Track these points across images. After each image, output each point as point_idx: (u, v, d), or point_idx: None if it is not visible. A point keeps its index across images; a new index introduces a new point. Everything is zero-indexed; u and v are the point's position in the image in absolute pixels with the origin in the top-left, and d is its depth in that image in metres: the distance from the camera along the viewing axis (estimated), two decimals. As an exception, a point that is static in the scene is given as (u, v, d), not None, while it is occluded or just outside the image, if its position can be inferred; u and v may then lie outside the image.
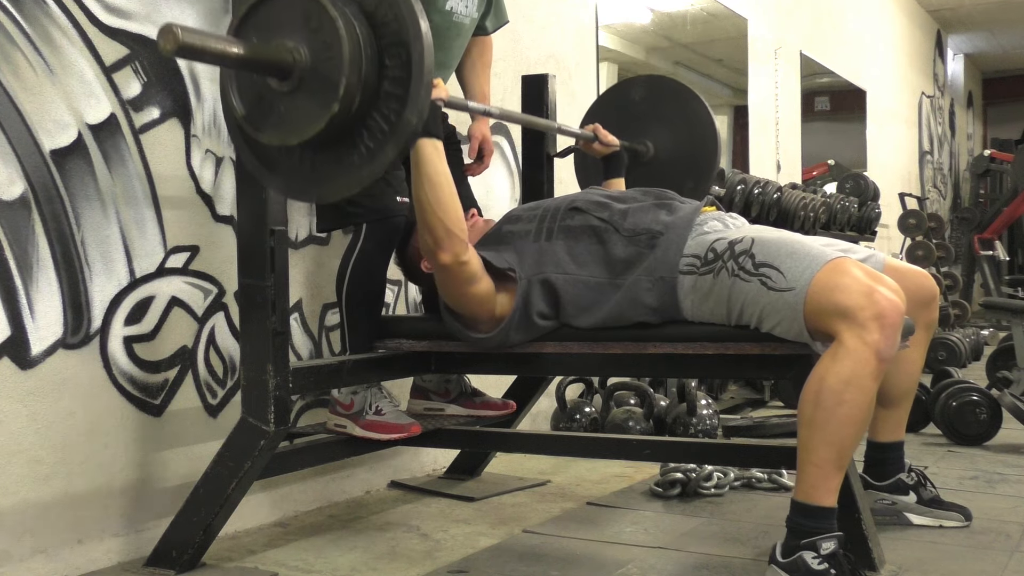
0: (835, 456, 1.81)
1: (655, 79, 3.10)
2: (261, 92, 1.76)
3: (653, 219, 2.11)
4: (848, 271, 1.85)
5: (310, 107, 1.70)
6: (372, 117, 1.72)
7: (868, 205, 5.86)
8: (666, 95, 2.95)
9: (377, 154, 1.72)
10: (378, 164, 1.73)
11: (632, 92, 2.98)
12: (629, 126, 2.87)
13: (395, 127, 1.71)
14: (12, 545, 1.94)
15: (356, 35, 1.67)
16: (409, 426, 2.35)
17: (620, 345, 2.13)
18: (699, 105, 2.90)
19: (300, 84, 1.70)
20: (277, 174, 1.84)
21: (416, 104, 1.69)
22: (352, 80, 1.66)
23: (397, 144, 1.71)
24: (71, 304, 2.05)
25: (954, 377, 3.81)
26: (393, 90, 1.71)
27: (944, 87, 10.93)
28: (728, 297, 1.96)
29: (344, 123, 1.70)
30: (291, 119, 1.73)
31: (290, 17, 1.71)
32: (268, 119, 1.76)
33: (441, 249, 2.06)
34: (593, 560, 2.14)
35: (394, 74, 1.71)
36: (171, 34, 1.51)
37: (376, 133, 1.72)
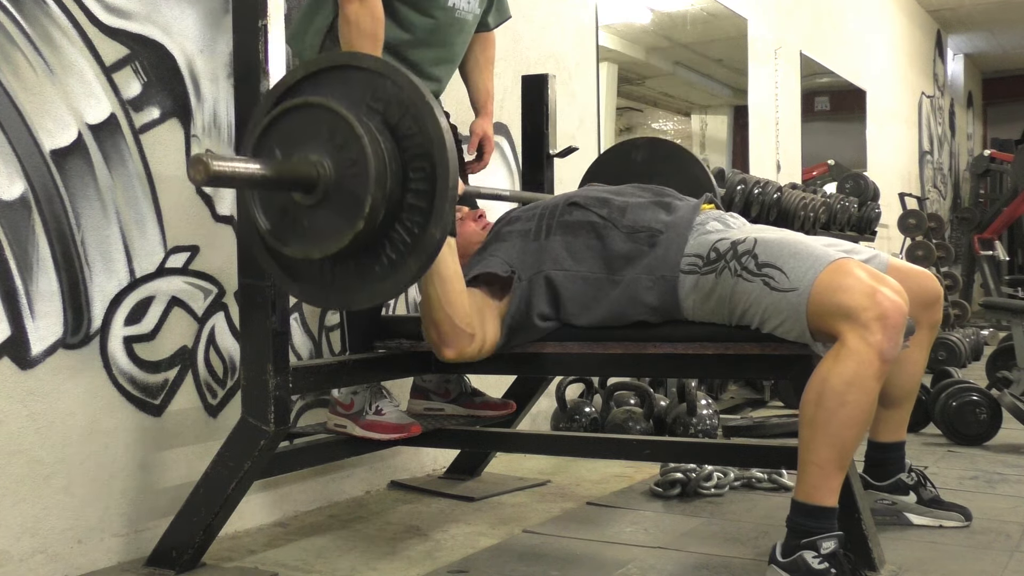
0: (836, 456, 1.81)
1: (656, 141, 3.12)
2: (285, 206, 1.75)
3: (653, 217, 2.11)
4: (851, 272, 1.84)
5: (335, 222, 1.69)
6: (395, 229, 1.71)
7: (868, 205, 5.86)
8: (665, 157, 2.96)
9: (399, 267, 1.72)
10: (401, 278, 1.72)
11: (632, 153, 2.99)
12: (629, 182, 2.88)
13: (418, 240, 1.70)
14: (12, 545, 1.94)
15: (381, 152, 1.66)
16: (409, 426, 2.35)
17: (620, 345, 2.13)
18: (699, 170, 2.90)
19: (324, 198, 1.70)
20: (299, 283, 1.82)
21: (440, 219, 1.68)
22: (377, 196, 1.65)
23: (420, 258, 1.70)
24: (71, 304, 2.05)
25: (954, 377, 3.81)
26: (417, 203, 1.70)
27: (944, 87, 10.93)
28: (730, 297, 1.96)
29: (367, 237, 1.69)
30: (315, 233, 1.72)
31: (313, 130, 1.70)
32: (292, 233, 1.75)
33: (446, 346, 2.07)
34: (593, 560, 2.14)
35: (418, 187, 1.70)
36: (201, 165, 1.53)
37: (399, 245, 1.71)
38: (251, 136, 1.78)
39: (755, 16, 5.72)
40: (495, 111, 3.39)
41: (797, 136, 6.41)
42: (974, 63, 12.46)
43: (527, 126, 2.94)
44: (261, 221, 1.78)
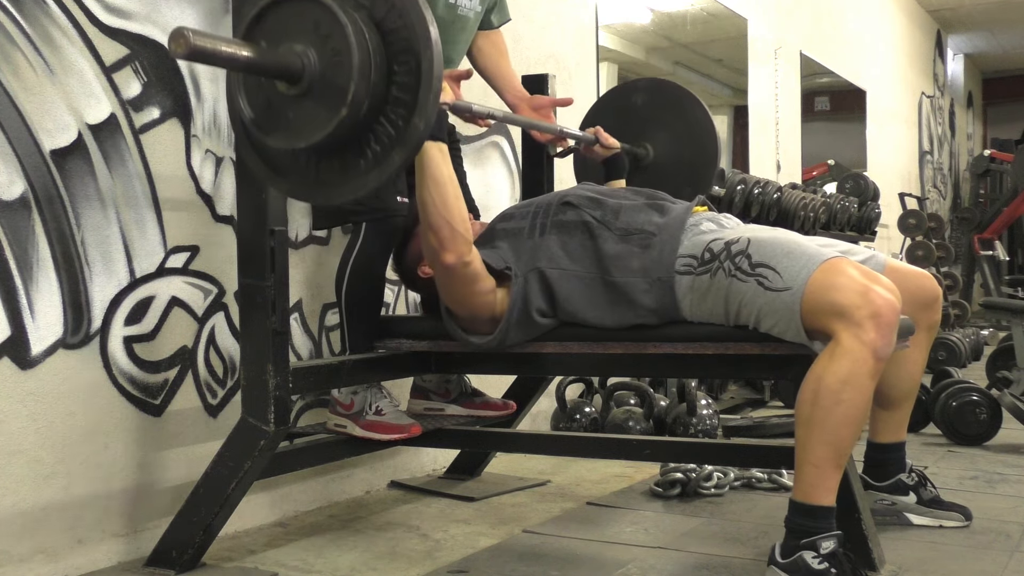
0: (833, 455, 1.81)
1: (656, 82, 3.07)
2: (269, 97, 1.76)
3: (646, 219, 2.11)
4: (844, 270, 1.85)
5: (318, 112, 1.70)
6: (379, 123, 1.72)
7: (868, 205, 5.86)
8: (667, 99, 2.94)
9: (384, 160, 1.73)
10: (385, 170, 1.73)
11: (633, 95, 2.97)
12: (629, 129, 2.86)
13: (402, 133, 1.71)
14: (12, 545, 1.94)
15: (365, 43, 1.67)
16: (409, 426, 2.35)
17: (620, 345, 2.13)
18: (700, 110, 2.88)
19: (309, 89, 1.71)
20: (284, 178, 1.84)
21: (424, 111, 1.69)
22: (360, 87, 1.66)
23: (404, 150, 1.72)
24: (71, 304, 2.05)
25: (954, 377, 3.81)
26: (401, 96, 1.71)
27: (944, 87, 10.93)
28: (725, 297, 1.96)
29: (352, 128, 1.70)
30: (299, 123, 1.73)
31: (299, 23, 1.71)
32: (276, 123, 1.76)
33: (446, 250, 2.06)
34: (593, 560, 2.14)
35: (402, 80, 1.71)
36: (182, 38, 1.51)
37: (383, 138, 1.73)
38: (239, 28, 1.77)
39: (755, 16, 5.72)
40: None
41: (797, 136, 6.41)
42: (974, 63, 12.46)
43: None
44: (245, 110, 1.78)
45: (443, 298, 2.19)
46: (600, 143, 2.70)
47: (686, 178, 2.88)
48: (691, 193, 2.86)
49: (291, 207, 2.47)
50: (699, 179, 2.87)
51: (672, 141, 2.90)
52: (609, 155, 2.73)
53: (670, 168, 2.89)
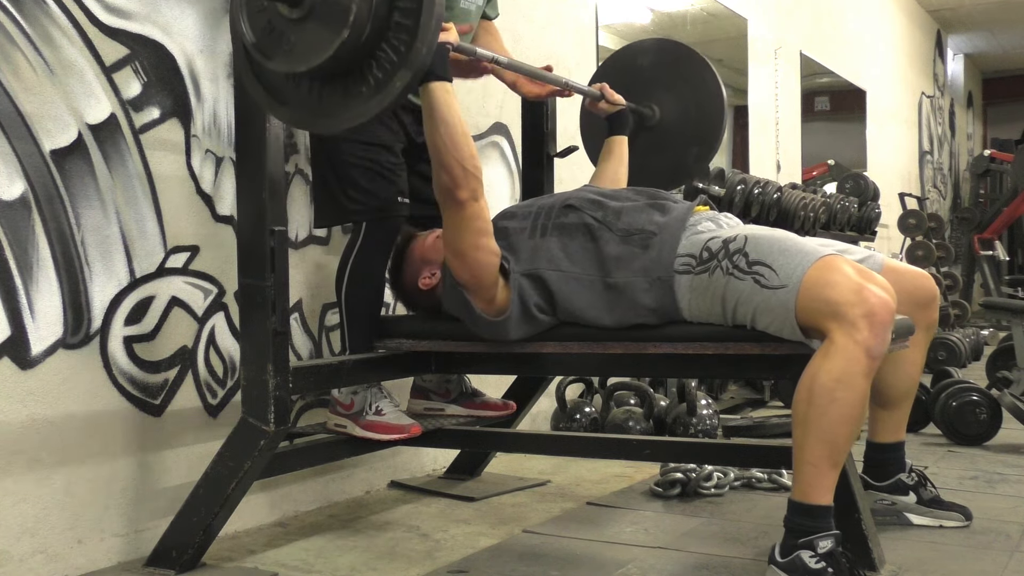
0: (829, 454, 1.81)
1: (665, 43, 3.04)
2: (271, 20, 1.75)
3: (647, 219, 2.12)
4: (839, 268, 1.85)
5: (320, 34, 1.69)
6: (381, 48, 1.72)
7: (868, 205, 5.86)
8: (675, 60, 2.91)
9: (385, 85, 1.72)
10: (386, 95, 1.73)
11: (641, 55, 2.95)
12: (636, 89, 2.85)
13: (404, 58, 1.71)
14: (12, 545, 1.94)
15: None
16: (409, 427, 2.35)
17: (620, 345, 2.13)
18: (708, 72, 2.85)
19: (310, 12, 1.70)
20: (285, 105, 1.83)
21: (426, 35, 1.69)
22: (362, 8, 1.66)
23: (406, 75, 1.71)
24: (71, 304, 2.05)
25: (954, 377, 3.81)
26: (403, 21, 1.71)
27: (944, 87, 10.93)
28: (723, 296, 1.96)
29: (353, 53, 1.70)
30: (300, 47, 1.72)
31: None
32: (277, 47, 1.75)
33: (459, 187, 2.05)
34: (593, 560, 2.14)
35: (404, 5, 1.71)
36: None
37: (385, 64, 1.72)
38: None
39: (755, 16, 5.72)
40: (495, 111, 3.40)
41: (797, 136, 6.40)
42: (974, 63, 12.46)
43: (527, 126, 2.95)
44: (247, 33, 1.78)
45: (448, 253, 2.15)
46: (605, 99, 2.70)
47: (692, 139, 2.86)
48: (698, 153, 2.85)
49: (291, 207, 2.47)
50: (705, 140, 2.85)
51: (679, 102, 2.87)
52: (614, 111, 2.73)
53: (676, 129, 2.87)
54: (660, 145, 2.86)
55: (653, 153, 2.89)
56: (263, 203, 1.96)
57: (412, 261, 2.39)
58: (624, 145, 2.73)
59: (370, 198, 2.32)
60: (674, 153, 2.89)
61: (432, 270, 2.33)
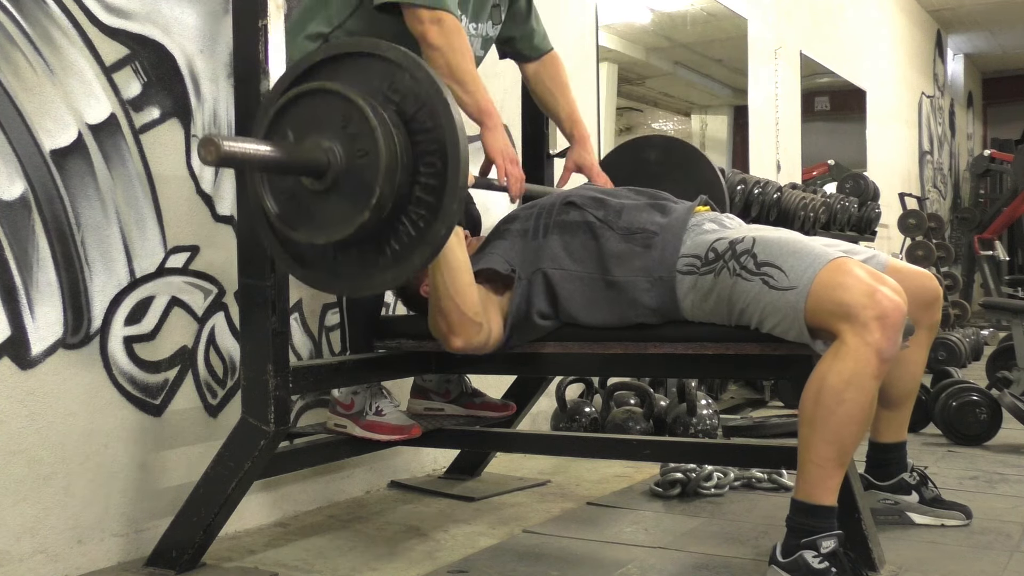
0: (836, 455, 1.81)
1: (668, 140, 3.10)
2: (294, 191, 1.75)
3: (648, 219, 2.12)
4: (851, 271, 1.85)
5: (342, 209, 1.69)
6: (402, 221, 1.71)
7: (868, 205, 5.86)
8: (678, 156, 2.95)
9: (403, 259, 1.71)
10: (403, 269, 1.72)
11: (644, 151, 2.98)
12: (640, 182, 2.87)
13: (423, 235, 1.69)
14: (12, 545, 1.94)
15: (394, 144, 1.65)
16: (409, 428, 2.35)
17: (620, 345, 2.13)
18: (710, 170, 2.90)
19: (333, 185, 1.69)
20: (305, 269, 1.83)
21: (447, 216, 1.67)
22: (386, 188, 1.65)
23: (425, 252, 1.70)
24: (71, 304, 2.05)
25: (954, 377, 3.81)
26: (425, 197, 1.69)
27: (944, 87, 10.93)
28: (729, 297, 1.96)
29: (373, 227, 1.69)
30: (321, 219, 1.72)
31: (327, 116, 1.69)
32: (299, 218, 1.75)
33: (455, 335, 2.07)
34: (593, 560, 2.14)
35: (427, 182, 1.69)
36: (213, 145, 1.52)
37: (404, 238, 1.71)
38: (264, 117, 1.77)
39: (755, 16, 5.72)
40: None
41: (797, 136, 6.41)
42: (974, 63, 12.46)
43: (527, 126, 2.95)
44: (270, 205, 1.77)
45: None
46: None
47: None
48: None
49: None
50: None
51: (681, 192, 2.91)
52: None
53: None
54: None
55: None
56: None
57: None
58: None
59: None
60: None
61: None
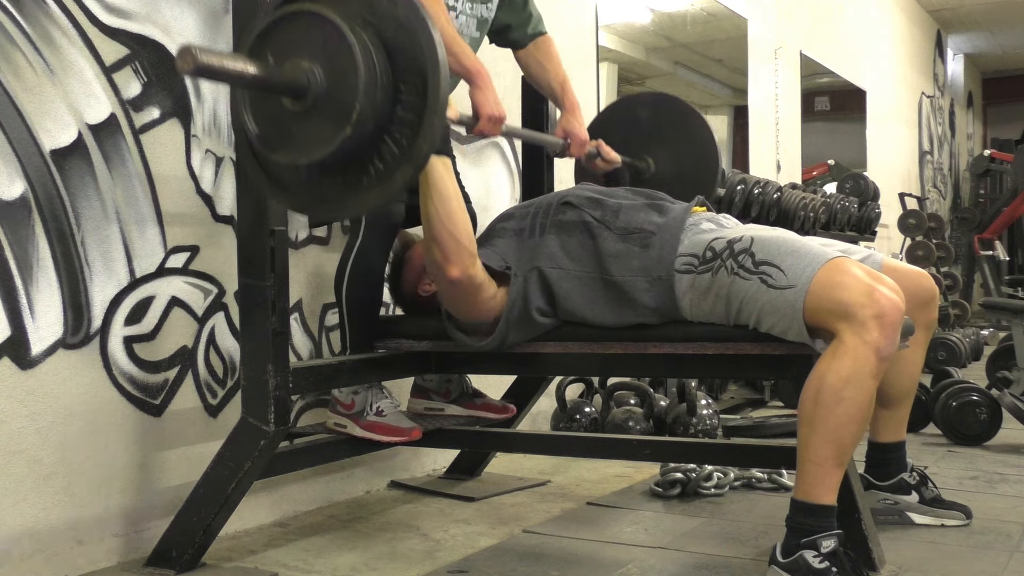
0: (835, 454, 1.81)
1: (659, 96, 3.08)
2: (274, 112, 1.75)
3: (645, 219, 2.12)
4: (849, 270, 1.85)
5: (323, 129, 1.69)
6: (384, 141, 1.71)
7: (868, 205, 5.86)
8: (669, 113, 2.94)
9: (387, 178, 1.72)
10: (387, 189, 1.73)
11: (635, 109, 2.97)
12: (630, 142, 2.86)
13: (407, 153, 1.70)
14: (12, 545, 1.94)
15: (373, 63, 1.66)
16: (410, 430, 2.35)
17: (620, 345, 2.13)
18: (701, 125, 2.89)
19: (314, 106, 1.70)
20: (286, 192, 1.83)
21: (429, 134, 1.68)
22: (366, 106, 1.65)
23: (408, 170, 1.71)
24: (71, 304, 2.05)
25: (954, 377, 3.81)
26: (406, 116, 1.70)
27: (944, 87, 10.93)
28: (727, 296, 1.96)
29: (355, 146, 1.69)
30: (303, 140, 1.72)
31: (307, 39, 1.70)
32: (280, 139, 1.76)
33: (450, 263, 2.06)
34: (593, 560, 2.14)
35: (408, 100, 1.70)
36: (189, 55, 1.51)
37: (387, 157, 1.72)
38: (245, 40, 1.77)
39: (755, 16, 5.72)
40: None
41: (797, 136, 6.41)
42: (974, 63, 12.46)
43: (527, 126, 2.94)
44: (251, 125, 1.78)
45: (445, 305, 2.19)
46: (601, 157, 2.70)
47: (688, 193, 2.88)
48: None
49: (291, 207, 2.47)
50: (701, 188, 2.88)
51: (674, 155, 2.90)
52: (610, 168, 2.73)
53: (671, 182, 2.89)
54: None
55: None
56: (263, 203, 1.96)
57: (411, 268, 2.40)
58: None
59: None
60: None
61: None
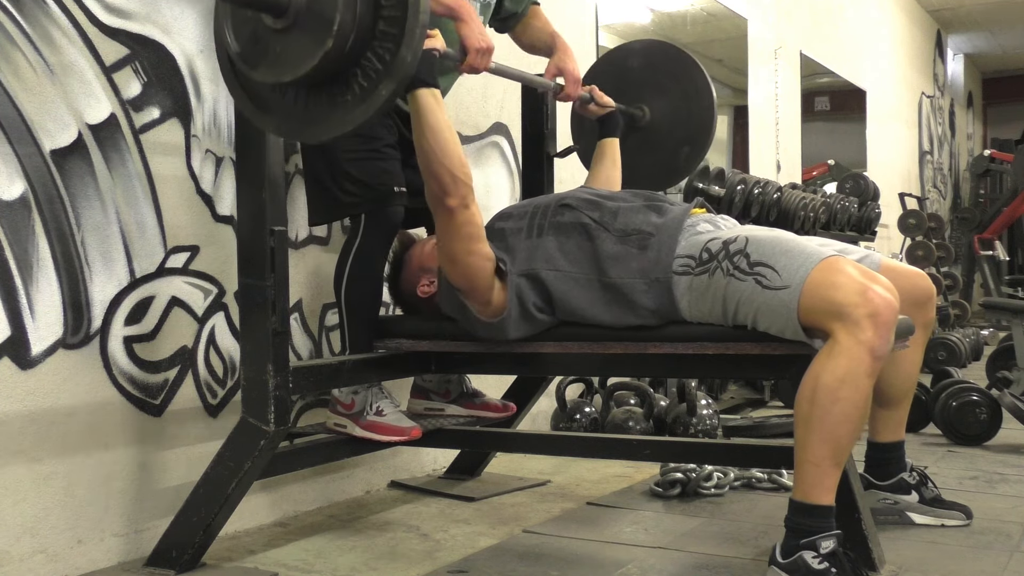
0: (832, 454, 1.81)
1: (654, 44, 3.06)
2: (256, 30, 1.76)
3: (644, 220, 2.12)
4: (842, 269, 1.85)
5: (304, 44, 1.69)
6: (366, 57, 1.72)
7: (868, 205, 5.86)
8: (665, 61, 2.93)
9: (371, 93, 1.72)
10: (372, 104, 1.73)
11: (630, 57, 2.96)
12: (626, 90, 2.86)
13: (390, 66, 1.71)
14: (12, 545, 1.94)
15: None
16: (410, 429, 2.35)
17: (620, 345, 2.13)
18: (697, 72, 2.88)
19: (294, 21, 1.70)
20: (270, 114, 1.83)
21: (411, 43, 1.68)
22: (346, 18, 1.66)
23: (392, 83, 1.71)
24: (71, 304, 2.05)
25: (954, 377, 3.81)
26: (388, 29, 1.71)
27: (944, 87, 10.93)
28: (724, 297, 1.96)
29: (338, 62, 1.70)
30: (285, 56, 1.73)
31: None
32: (262, 57, 1.76)
33: (448, 195, 2.06)
34: (593, 560, 2.14)
35: (389, 14, 1.71)
36: None
37: (370, 72, 1.72)
38: None
39: (755, 16, 5.72)
40: (495, 111, 3.40)
41: (797, 136, 6.40)
42: (974, 63, 12.46)
43: (527, 126, 2.94)
44: (231, 43, 1.78)
45: (442, 259, 2.17)
46: (595, 101, 2.71)
47: (683, 137, 2.88)
48: (689, 153, 2.85)
49: (291, 207, 2.47)
50: (696, 140, 2.87)
51: (669, 103, 2.90)
52: (604, 113, 2.74)
53: (667, 129, 2.89)
54: (651, 146, 2.87)
55: (644, 154, 2.90)
56: (263, 203, 1.96)
57: (410, 269, 2.40)
58: (616, 147, 2.74)
59: (366, 189, 2.30)
60: (665, 153, 2.92)
61: (430, 278, 2.33)
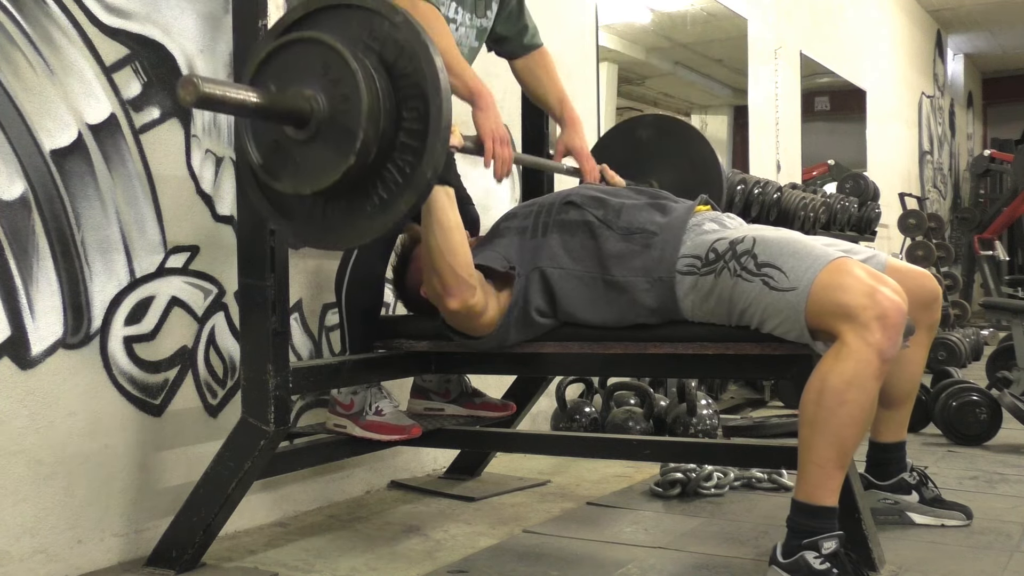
0: (836, 455, 1.81)
1: (661, 119, 3.11)
2: (277, 140, 1.74)
3: (648, 219, 2.11)
4: (851, 271, 1.85)
5: (326, 157, 1.68)
6: (387, 168, 1.71)
7: (868, 205, 5.86)
8: (671, 135, 2.95)
9: (391, 205, 1.71)
10: (391, 215, 1.72)
11: (637, 131, 2.97)
12: (634, 165, 2.87)
13: (410, 180, 1.69)
14: (12, 545, 1.94)
15: (375, 88, 1.66)
16: (409, 428, 2.35)
17: (620, 345, 2.13)
18: (704, 146, 2.90)
19: (317, 133, 1.69)
20: (290, 220, 1.82)
21: (432, 158, 1.67)
22: (369, 133, 1.65)
23: (412, 197, 1.70)
24: (71, 304, 2.05)
25: (954, 377, 3.81)
26: (409, 142, 1.69)
27: (944, 87, 10.93)
28: (730, 297, 1.96)
29: (359, 174, 1.68)
30: (306, 168, 1.71)
31: (308, 65, 1.69)
32: (283, 167, 1.74)
33: (450, 295, 2.06)
34: (593, 560, 2.14)
35: (411, 126, 1.69)
36: (191, 84, 1.51)
37: (390, 184, 1.71)
38: (248, 69, 1.76)
39: (755, 16, 5.72)
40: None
41: (797, 136, 6.41)
42: (974, 63, 12.46)
43: (527, 126, 2.95)
44: (253, 155, 1.77)
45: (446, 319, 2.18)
46: (605, 181, 2.69)
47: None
48: None
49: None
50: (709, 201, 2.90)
51: (677, 176, 2.90)
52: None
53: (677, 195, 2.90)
54: None
55: None
56: (263, 203, 1.96)
57: (416, 267, 2.40)
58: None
59: None
60: None
61: None
